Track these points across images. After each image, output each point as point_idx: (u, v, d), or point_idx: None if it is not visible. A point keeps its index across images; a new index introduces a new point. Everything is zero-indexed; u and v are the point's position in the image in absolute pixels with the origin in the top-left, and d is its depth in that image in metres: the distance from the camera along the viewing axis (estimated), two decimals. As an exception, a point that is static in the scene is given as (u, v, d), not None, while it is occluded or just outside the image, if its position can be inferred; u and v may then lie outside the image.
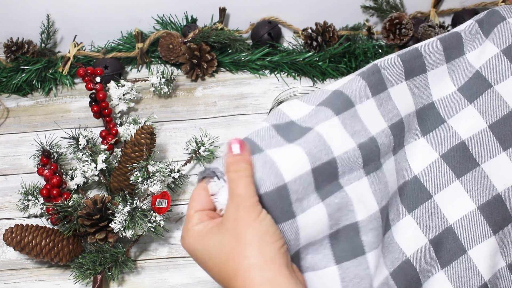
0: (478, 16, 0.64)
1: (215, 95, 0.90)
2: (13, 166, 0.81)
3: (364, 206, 0.53)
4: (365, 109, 0.55)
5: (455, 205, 0.57)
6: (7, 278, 0.69)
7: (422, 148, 0.59)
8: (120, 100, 0.85)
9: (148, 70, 0.94)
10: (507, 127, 0.59)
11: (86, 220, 0.66)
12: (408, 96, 0.59)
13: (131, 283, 0.69)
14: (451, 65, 0.62)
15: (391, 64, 0.58)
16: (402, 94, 0.58)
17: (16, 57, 0.92)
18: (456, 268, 0.55)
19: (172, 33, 0.91)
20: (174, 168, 0.72)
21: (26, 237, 0.65)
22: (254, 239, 0.41)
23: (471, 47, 0.63)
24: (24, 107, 0.90)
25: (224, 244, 0.42)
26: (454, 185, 0.58)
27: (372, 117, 0.55)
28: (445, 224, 0.57)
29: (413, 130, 0.59)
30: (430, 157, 0.59)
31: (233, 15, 0.97)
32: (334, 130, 0.52)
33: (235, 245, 0.41)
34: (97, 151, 0.76)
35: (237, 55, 0.93)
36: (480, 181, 0.58)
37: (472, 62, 0.62)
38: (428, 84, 0.61)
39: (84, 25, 0.95)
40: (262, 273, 0.40)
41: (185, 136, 0.84)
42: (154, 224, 0.65)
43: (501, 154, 0.58)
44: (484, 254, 0.55)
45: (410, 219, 0.57)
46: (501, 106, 0.59)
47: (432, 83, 0.61)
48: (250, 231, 0.41)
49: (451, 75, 0.62)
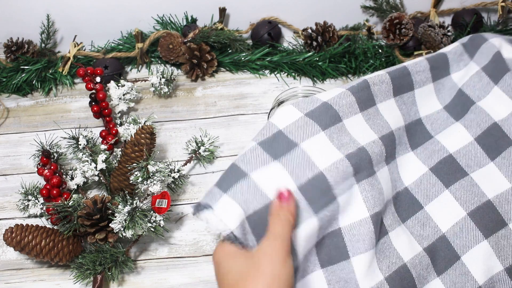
0: (463, 40, 0.66)
1: (215, 95, 0.90)
2: (13, 166, 0.81)
3: (348, 213, 0.54)
4: (353, 123, 0.57)
5: (446, 214, 0.58)
6: (7, 278, 0.69)
7: (412, 161, 0.61)
8: (120, 100, 0.85)
9: (148, 70, 0.94)
10: (492, 138, 0.60)
11: (86, 220, 0.66)
12: (397, 111, 0.61)
13: (131, 283, 0.69)
14: (437, 84, 0.65)
15: (380, 81, 0.60)
16: (390, 110, 0.61)
17: (16, 57, 0.92)
18: (451, 275, 0.56)
19: (172, 33, 0.91)
20: (174, 168, 0.72)
21: (26, 237, 0.65)
22: (269, 274, 0.43)
23: (456, 67, 0.66)
24: (24, 107, 0.90)
25: (245, 267, 0.45)
26: (444, 194, 0.59)
27: (361, 129, 0.57)
28: (438, 233, 0.57)
29: (403, 143, 0.61)
30: (419, 170, 0.61)
31: (233, 15, 0.97)
32: (320, 145, 0.54)
33: (252, 272, 0.44)
34: (97, 151, 0.76)
35: (237, 55, 0.93)
36: (469, 189, 0.59)
37: (457, 82, 0.65)
38: (415, 101, 0.63)
39: (84, 25, 0.95)
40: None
41: (185, 136, 0.84)
42: (154, 224, 0.65)
43: (489, 164, 0.59)
44: (477, 259, 0.56)
45: (404, 228, 0.58)
46: (485, 119, 0.61)
47: (419, 101, 0.63)
48: (270, 267, 0.44)
49: (437, 93, 0.65)
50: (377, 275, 0.54)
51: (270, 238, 0.46)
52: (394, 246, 0.56)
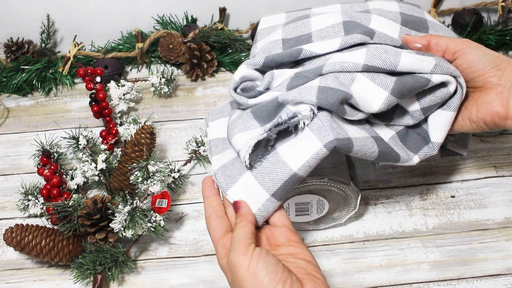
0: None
1: (215, 95, 0.90)
2: (13, 166, 0.81)
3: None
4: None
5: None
6: (7, 278, 0.69)
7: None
8: (120, 100, 0.85)
9: (148, 70, 0.94)
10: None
11: (86, 220, 0.66)
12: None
13: (131, 283, 0.69)
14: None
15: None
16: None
17: (16, 57, 0.92)
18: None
19: (172, 33, 0.91)
20: (174, 168, 0.72)
21: (26, 237, 0.65)
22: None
23: None
24: (24, 107, 0.90)
25: (235, 283, 0.47)
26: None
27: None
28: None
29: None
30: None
31: (233, 15, 0.97)
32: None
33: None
34: (97, 151, 0.76)
35: (237, 55, 0.93)
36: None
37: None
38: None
39: (84, 25, 0.95)
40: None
41: (185, 136, 0.84)
42: (154, 224, 0.65)
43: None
44: None
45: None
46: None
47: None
48: (247, 284, 0.45)
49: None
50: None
51: (229, 251, 0.48)
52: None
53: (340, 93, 0.51)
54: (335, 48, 0.57)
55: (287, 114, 0.51)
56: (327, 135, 0.49)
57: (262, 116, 0.53)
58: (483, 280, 0.66)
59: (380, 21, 0.61)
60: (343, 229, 0.72)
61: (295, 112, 0.51)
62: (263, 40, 0.67)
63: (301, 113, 0.51)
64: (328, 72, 0.53)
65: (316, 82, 0.52)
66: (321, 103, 0.50)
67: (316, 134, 0.50)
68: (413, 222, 0.72)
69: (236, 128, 0.54)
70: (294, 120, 0.51)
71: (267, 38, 0.66)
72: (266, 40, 0.65)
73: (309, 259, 0.49)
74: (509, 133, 0.82)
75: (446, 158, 0.78)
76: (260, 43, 0.66)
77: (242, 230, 0.49)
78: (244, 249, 0.47)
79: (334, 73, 0.54)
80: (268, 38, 0.65)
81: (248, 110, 0.55)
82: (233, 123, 0.55)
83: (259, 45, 0.66)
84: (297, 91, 0.52)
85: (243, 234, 0.49)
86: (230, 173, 0.54)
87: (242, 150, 0.51)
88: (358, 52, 0.53)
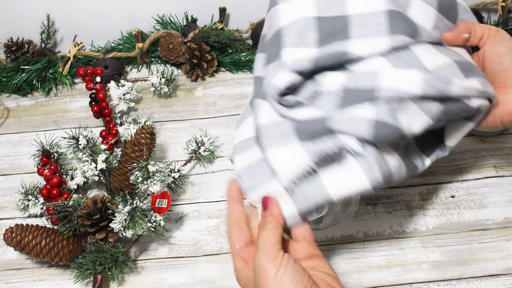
0: None
1: (215, 95, 0.90)
2: (13, 166, 0.81)
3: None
4: None
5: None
6: (7, 278, 0.69)
7: None
8: (120, 100, 0.85)
9: (148, 70, 0.94)
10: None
11: (86, 220, 0.66)
12: None
13: (131, 283, 0.69)
14: None
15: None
16: None
17: (16, 57, 0.92)
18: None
19: (172, 33, 0.91)
20: (174, 168, 0.72)
21: (26, 237, 0.65)
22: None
23: None
24: (24, 107, 0.90)
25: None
26: None
27: None
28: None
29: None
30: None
31: (233, 15, 0.97)
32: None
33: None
34: (97, 151, 0.76)
35: (237, 55, 0.93)
36: None
37: None
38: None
39: (84, 25, 0.95)
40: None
41: (185, 136, 0.84)
42: (154, 224, 0.65)
43: None
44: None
45: None
46: None
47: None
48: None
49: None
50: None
51: (256, 255, 0.47)
52: None
53: (397, 132, 0.49)
54: (381, 51, 0.53)
55: (336, 145, 0.49)
56: (375, 173, 0.49)
57: (304, 135, 0.50)
58: (483, 280, 0.66)
59: (418, 6, 0.56)
60: (343, 229, 0.72)
61: (344, 145, 0.49)
62: (288, 5, 0.56)
63: (352, 148, 0.49)
64: (384, 100, 0.50)
65: (371, 112, 0.49)
66: (377, 140, 0.49)
67: (364, 169, 0.49)
68: (413, 222, 0.72)
69: (272, 139, 0.51)
70: (342, 153, 0.49)
71: (294, 2, 0.56)
72: (294, 9, 0.55)
73: (329, 272, 0.49)
74: (509, 133, 0.82)
75: (446, 158, 0.78)
76: (285, 8, 0.56)
77: (272, 232, 0.48)
78: (274, 254, 0.46)
79: (389, 102, 0.51)
80: (296, 9, 0.55)
81: (288, 123, 0.51)
82: (268, 130, 0.51)
83: (282, 12, 0.55)
84: (350, 123, 0.49)
85: (273, 237, 0.47)
86: (257, 176, 0.52)
87: (281, 173, 0.49)
88: (414, 80, 0.50)
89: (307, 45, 0.53)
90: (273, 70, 0.53)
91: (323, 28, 0.54)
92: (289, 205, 0.50)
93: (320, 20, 0.54)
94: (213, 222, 0.74)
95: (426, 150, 0.59)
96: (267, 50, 0.56)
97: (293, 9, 0.55)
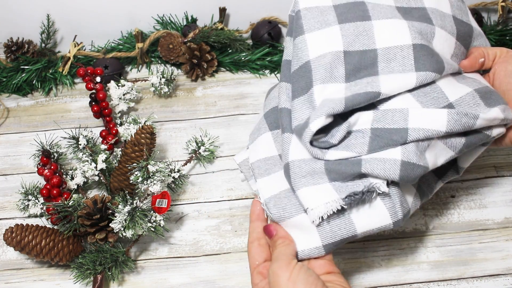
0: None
1: (215, 95, 0.90)
2: (13, 166, 0.81)
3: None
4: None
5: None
6: (7, 278, 0.69)
7: None
8: (120, 100, 0.85)
9: (148, 70, 0.94)
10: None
11: (86, 220, 0.66)
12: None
13: (131, 283, 0.69)
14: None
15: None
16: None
17: (16, 57, 0.92)
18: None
19: (172, 33, 0.91)
20: (174, 168, 0.72)
21: (26, 237, 0.65)
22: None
23: None
24: (24, 107, 0.90)
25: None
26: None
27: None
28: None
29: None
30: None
31: (233, 15, 0.97)
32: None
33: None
34: (97, 151, 0.76)
35: (237, 55, 0.93)
36: None
37: None
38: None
39: (84, 25, 0.95)
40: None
41: (185, 136, 0.84)
42: (154, 224, 0.65)
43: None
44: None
45: None
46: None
47: None
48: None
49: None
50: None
51: (270, 266, 0.49)
52: None
53: (422, 170, 0.51)
54: (409, 87, 0.54)
55: (365, 186, 0.51)
56: (398, 214, 0.52)
57: (335, 175, 0.52)
58: (483, 280, 0.66)
59: (441, 36, 0.58)
60: (343, 229, 0.72)
61: (373, 186, 0.51)
62: (315, 36, 0.56)
63: (380, 189, 0.51)
64: (412, 141, 0.52)
65: (398, 154, 0.51)
66: (403, 180, 0.51)
67: (390, 210, 0.52)
68: (413, 222, 0.72)
69: (302, 177, 0.53)
70: (370, 194, 0.51)
71: (321, 33, 0.56)
72: (322, 42, 0.56)
73: (345, 285, 0.50)
74: (509, 133, 0.82)
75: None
76: (312, 40, 0.56)
77: (286, 247, 0.50)
78: (287, 261, 0.47)
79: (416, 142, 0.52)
80: (324, 41, 0.56)
81: (319, 162, 0.53)
82: (298, 167, 0.53)
83: (310, 44, 0.56)
84: (379, 165, 0.50)
85: (287, 249, 0.49)
86: (285, 206, 0.54)
87: (312, 212, 0.51)
88: (440, 118, 0.52)
89: (336, 80, 0.55)
90: (302, 106, 0.55)
91: (351, 63, 0.55)
92: (315, 239, 0.52)
93: (348, 54, 0.55)
94: (213, 222, 0.74)
95: (439, 173, 0.62)
96: (294, 81, 0.57)
97: (321, 42, 0.56)
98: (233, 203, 0.75)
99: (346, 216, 0.52)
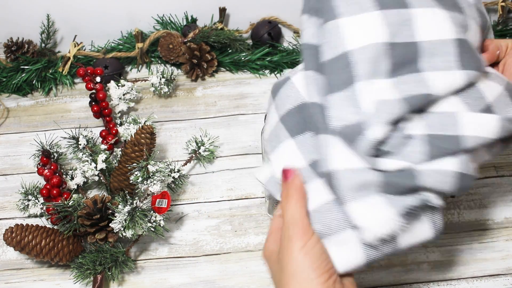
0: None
1: (215, 95, 0.90)
2: (13, 166, 0.81)
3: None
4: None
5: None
6: (7, 278, 0.69)
7: None
8: (120, 100, 0.85)
9: (148, 70, 0.94)
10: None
11: (86, 220, 0.66)
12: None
13: (131, 283, 0.69)
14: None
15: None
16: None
17: (16, 57, 0.92)
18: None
19: (172, 33, 0.91)
20: (174, 168, 0.72)
21: (26, 237, 0.65)
22: (296, 273, 0.43)
23: None
24: (24, 107, 0.90)
25: (278, 273, 0.46)
26: None
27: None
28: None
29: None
30: None
31: (233, 15, 0.97)
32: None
33: (281, 277, 0.45)
34: (97, 151, 0.76)
35: (237, 55, 0.93)
36: None
37: None
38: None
39: (84, 25, 0.95)
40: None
41: (185, 136, 0.84)
42: (154, 224, 0.65)
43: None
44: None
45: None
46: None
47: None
48: (294, 264, 0.44)
49: None
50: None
51: (284, 228, 0.46)
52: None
53: (473, 180, 0.49)
54: (456, 88, 0.50)
55: (421, 200, 0.48)
56: (439, 227, 0.50)
57: (389, 188, 0.47)
58: (483, 280, 0.66)
59: (472, 29, 0.54)
60: (343, 229, 0.72)
61: (426, 201, 0.48)
62: (352, 22, 0.49)
63: (432, 202, 0.48)
64: (466, 149, 0.48)
65: (455, 165, 0.48)
66: (458, 193, 0.48)
67: (433, 224, 0.49)
68: (413, 222, 0.72)
69: (353, 190, 0.47)
70: (425, 208, 0.49)
71: (359, 19, 0.49)
72: (361, 30, 0.49)
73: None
74: (509, 133, 0.82)
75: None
76: (349, 26, 0.49)
77: (299, 205, 0.46)
78: (305, 227, 0.45)
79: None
80: (364, 29, 0.49)
81: (375, 175, 0.47)
82: (347, 178, 0.47)
83: (347, 31, 0.49)
84: (440, 179, 0.47)
85: (301, 208, 0.46)
86: (330, 223, 0.48)
87: (371, 235, 0.46)
88: (492, 124, 0.48)
89: (380, 76, 0.49)
90: (343, 104, 0.48)
91: (396, 56, 0.49)
92: (359, 255, 0.48)
93: (392, 47, 0.49)
94: (213, 222, 0.74)
95: None
96: (330, 73, 0.50)
97: (361, 30, 0.49)
98: (233, 203, 0.75)
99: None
